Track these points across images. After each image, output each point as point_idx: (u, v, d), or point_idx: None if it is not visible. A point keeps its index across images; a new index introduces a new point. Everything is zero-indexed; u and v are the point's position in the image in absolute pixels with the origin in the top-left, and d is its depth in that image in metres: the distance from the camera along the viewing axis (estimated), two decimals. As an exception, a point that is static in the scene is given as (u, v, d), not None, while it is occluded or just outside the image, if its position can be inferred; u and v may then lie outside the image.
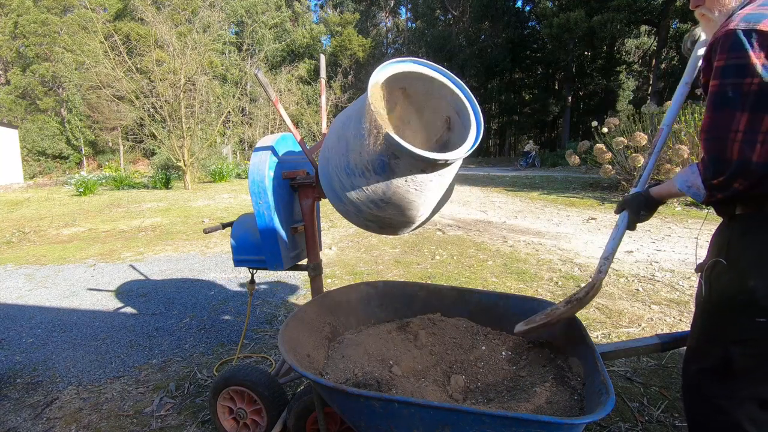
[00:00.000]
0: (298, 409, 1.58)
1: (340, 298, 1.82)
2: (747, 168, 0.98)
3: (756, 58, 0.95)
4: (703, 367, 1.18)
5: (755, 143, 0.96)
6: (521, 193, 10.83)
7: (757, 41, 0.95)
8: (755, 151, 0.97)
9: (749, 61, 0.95)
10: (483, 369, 1.53)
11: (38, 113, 30.38)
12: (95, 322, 3.32)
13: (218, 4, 17.83)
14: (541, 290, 3.66)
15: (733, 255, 1.09)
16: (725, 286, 1.11)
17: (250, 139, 27.75)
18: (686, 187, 1.13)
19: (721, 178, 1.02)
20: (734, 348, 1.09)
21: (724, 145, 0.99)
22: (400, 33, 43.27)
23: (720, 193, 1.06)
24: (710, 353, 1.16)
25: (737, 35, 0.97)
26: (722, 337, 1.12)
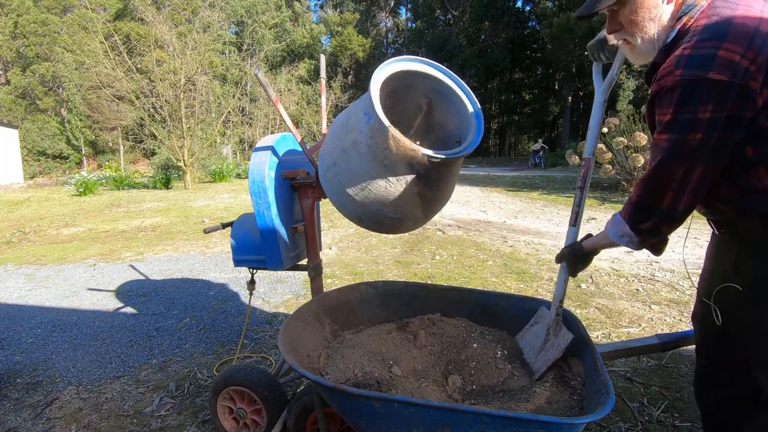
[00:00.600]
0: (298, 409, 1.58)
1: (340, 298, 1.82)
2: (673, 215, 1.00)
3: (702, 113, 0.88)
4: (725, 395, 1.11)
5: (685, 193, 0.97)
6: (521, 193, 10.84)
7: (706, 91, 0.87)
8: (682, 201, 0.98)
9: (696, 116, 0.89)
10: (481, 368, 1.52)
11: (38, 113, 30.39)
12: (95, 322, 3.32)
13: (218, 4, 17.84)
14: (541, 290, 3.66)
15: (747, 278, 1.01)
16: (744, 313, 1.03)
17: (250, 139, 27.76)
18: (618, 238, 1.13)
19: (648, 223, 1.04)
20: (759, 373, 1.02)
21: (659, 194, 0.99)
22: (400, 33, 43.28)
23: (650, 237, 1.07)
24: (734, 381, 1.09)
25: (684, 87, 0.89)
26: (744, 363, 1.05)
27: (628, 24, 1.07)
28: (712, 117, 0.88)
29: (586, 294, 3.54)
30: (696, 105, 0.88)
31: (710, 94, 0.87)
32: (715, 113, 0.87)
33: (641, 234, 1.07)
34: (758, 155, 0.93)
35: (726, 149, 0.92)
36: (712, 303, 1.10)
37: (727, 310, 1.08)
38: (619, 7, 1.07)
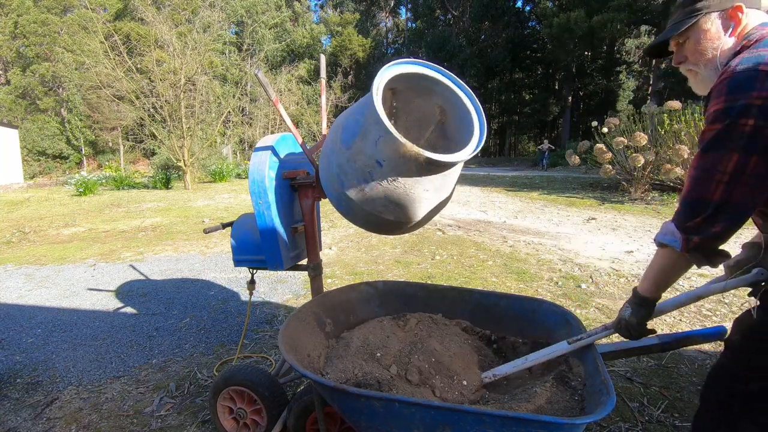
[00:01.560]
0: (298, 409, 1.58)
1: (340, 298, 1.82)
2: (725, 209, 0.97)
3: (755, 99, 0.91)
4: (731, 387, 1.12)
5: (737, 185, 0.95)
6: (521, 193, 10.84)
7: (758, 81, 0.92)
8: (737, 192, 0.95)
9: (747, 102, 0.92)
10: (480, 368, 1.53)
11: (38, 113, 30.39)
12: (95, 322, 3.32)
13: (218, 4, 17.83)
14: (541, 290, 3.66)
15: None
16: None
17: (250, 139, 27.76)
18: (661, 236, 1.08)
19: (698, 219, 1.00)
20: None
21: (707, 186, 0.97)
22: (400, 33, 43.28)
23: (696, 235, 1.01)
24: (746, 378, 1.10)
25: (736, 78, 0.95)
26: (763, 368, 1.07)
27: (692, 55, 1.13)
28: (762, 105, 0.91)
29: (586, 294, 3.54)
30: (748, 92, 0.92)
31: (763, 83, 0.91)
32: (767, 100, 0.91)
33: (687, 232, 1.01)
34: None
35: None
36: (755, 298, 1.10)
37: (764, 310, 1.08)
38: (684, 40, 1.14)
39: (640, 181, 8.77)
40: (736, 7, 1.05)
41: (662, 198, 8.59)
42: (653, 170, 8.48)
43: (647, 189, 8.87)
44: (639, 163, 8.14)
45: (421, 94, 1.69)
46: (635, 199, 8.71)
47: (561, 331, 1.56)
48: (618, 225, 6.47)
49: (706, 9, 1.08)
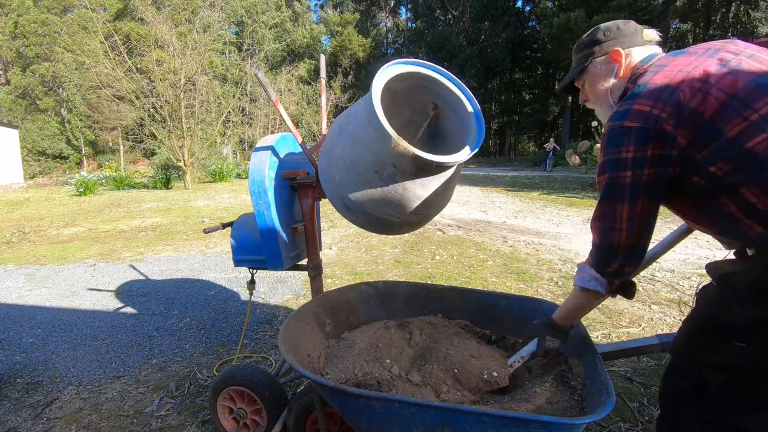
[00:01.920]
0: (298, 409, 1.58)
1: (340, 298, 1.82)
2: (633, 252, 1.09)
3: (625, 153, 1.03)
4: (679, 384, 1.16)
5: (633, 229, 1.07)
6: (521, 193, 10.84)
7: (626, 137, 1.03)
8: (634, 236, 1.07)
9: (620, 156, 1.04)
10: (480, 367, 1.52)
11: (38, 113, 30.39)
12: (95, 322, 3.32)
13: (218, 4, 17.83)
14: (541, 290, 3.66)
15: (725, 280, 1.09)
16: (711, 308, 1.10)
17: (250, 139, 27.76)
18: (586, 282, 1.18)
19: (615, 265, 1.12)
20: (710, 372, 1.07)
21: (612, 234, 1.09)
22: (400, 33, 43.28)
23: (616, 279, 1.14)
24: (685, 373, 1.14)
25: (610, 134, 1.07)
26: (700, 358, 1.11)
27: (590, 95, 1.30)
28: (635, 156, 1.03)
29: (586, 294, 3.54)
30: (619, 147, 1.05)
31: (629, 137, 1.03)
32: (637, 153, 1.03)
33: (608, 276, 1.14)
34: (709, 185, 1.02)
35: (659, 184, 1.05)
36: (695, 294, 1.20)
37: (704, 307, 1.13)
38: (583, 82, 1.31)
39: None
40: (614, 51, 1.20)
41: (662, 198, 8.59)
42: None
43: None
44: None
45: (421, 94, 1.69)
46: (635, 199, 8.70)
47: (561, 331, 1.56)
48: (618, 225, 6.46)
49: (591, 56, 1.24)
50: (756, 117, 0.94)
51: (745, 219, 0.99)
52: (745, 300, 1.02)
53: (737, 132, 0.95)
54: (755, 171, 0.95)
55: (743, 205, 0.98)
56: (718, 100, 0.97)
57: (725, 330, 1.05)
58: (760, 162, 0.94)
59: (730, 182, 0.98)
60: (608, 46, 1.21)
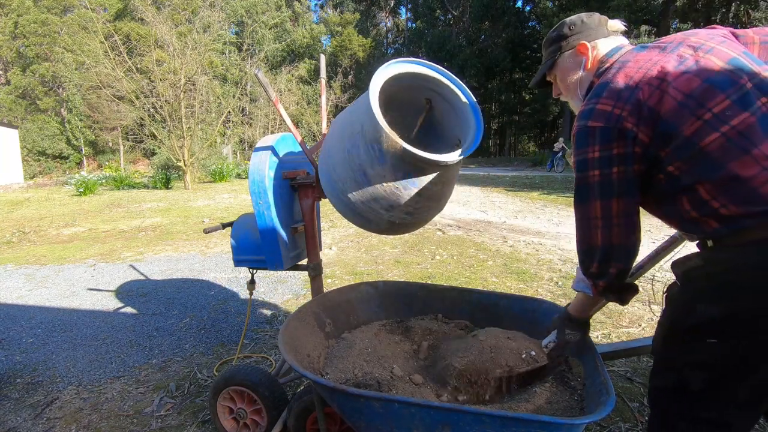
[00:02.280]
0: (298, 409, 1.58)
1: (340, 298, 1.82)
2: (611, 251, 1.08)
3: (592, 153, 1.05)
4: (661, 385, 1.17)
5: (611, 227, 1.06)
6: (521, 193, 10.84)
7: (591, 137, 1.05)
8: (613, 234, 1.06)
9: (587, 156, 1.05)
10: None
11: (38, 113, 30.39)
12: (95, 322, 3.32)
13: (218, 4, 17.83)
14: (541, 290, 3.66)
15: (688, 279, 1.11)
16: (679, 308, 1.12)
17: (250, 139, 27.76)
18: (580, 286, 1.22)
19: (595, 264, 1.11)
20: (688, 369, 1.09)
21: (589, 233, 1.09)
22: (400, 33, 43.27)
23: (600, 280, 1.13)
24: (666, 373, 1.15)
25: (578, 134, 1.08)
26: (677, 358, 1.12)
27: (562, 89, 1.31)
28: (601, 156, 1.04)
29: (586, 294, 3.54)
30: (586, 147, 1.06)
31: (594, 137, 1.04)
32: (603, 152, 1.04)
33: (592, 277, 1.15)
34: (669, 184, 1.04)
35: (630, 181, 1.05)
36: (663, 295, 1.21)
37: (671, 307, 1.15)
38: (554, 76, 1.32)
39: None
40: (581, 45, 1.21)
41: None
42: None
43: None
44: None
45: (420, 95, 1.69)
46: (635, 199, 8.70)
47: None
48: (618, 225, 6.46)
49: (559, 50, 1.26)
50: (709, 116, 0.96)
51: (700, 217, 1.01)
52: (709, 296, 1.04)
53: (692, 131, 0.97)
54: (708, 170, 0.97)
55: (698, 203, 1.00)
56: (675, 99, 0.98)
57: (695, 328, 1.06)
58: (712, 161, 0.96)
59: (686, 182, 1.00)
60: (574, 39, 1.23)
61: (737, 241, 1.01)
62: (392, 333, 1.72)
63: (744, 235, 0.99)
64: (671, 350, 1.15)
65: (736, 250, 1.01)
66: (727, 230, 1.01)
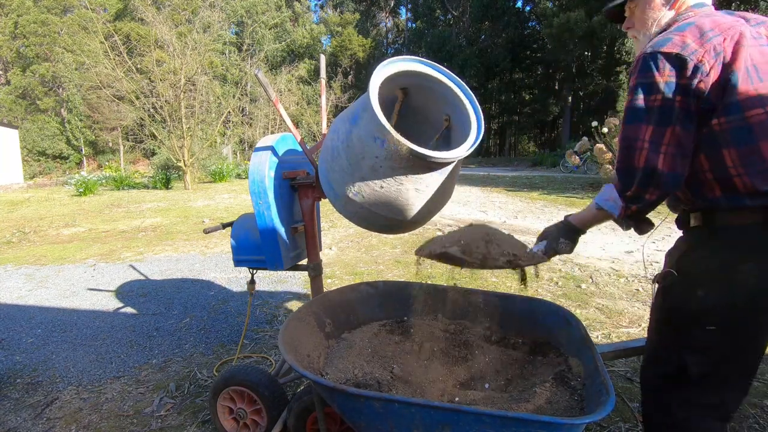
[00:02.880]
0: (298, 409, 1.58)
1: (340, 298, 1.81)
2: (653, 176, 1.05)
3: (659, 77, 1.04)
4: (659, 372, 1.21)
5: (659, 153, 1.04)
6: (521, 193, 10.84)
7: (661, 62, 1.04)
8: (659, 160, 1.04)
9: (653, 80, 1.05)
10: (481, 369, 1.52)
11: (38, 113, 30.38)
12: (95, 322, 3.32)
13: (218, 4, 17.83)
14: (541, 290, 3.66)
15: (684, 267, 1.14)
16: (677, 297, 1.15)
17: (250, 139, 27.74)
18: (603, 201, 1.19)
19: (633, 187, 1.09)
20: (688, 356, 1.12)
21: (632, 154, 1.07)
22: (400, 33, 43.27)
23: (633, 204, 1.11)
24: (665, 361, 1.19)
25: (645, 59, 1.07)
26: (677, 344, 1.15)
27: (638, 22, 1.27)
28: (668, 81, 1.03)
29: (586, 294, 3.54)
30: (653, 71, 1.05)
31: (665, 63, 1.04)
32: (671, 78, 1.03)
33: (626, 200, 1.12)
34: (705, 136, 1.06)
35: (690, 114, 1.04)
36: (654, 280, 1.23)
37: (667, 297, 1.18)
38: (634, 6, 1.26)
39: (640, 181, 8.76)
40: None
41: (662, 198, 8.58)
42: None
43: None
44: (639, 163, 8.13)
45: (422, 94, 1.69)
46: (635, 199, 8.70)
47: (561, 331, 1.56)
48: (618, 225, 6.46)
49: None
50: (765, 92, 1.00)
51: (712, 179, 1.06)
52: (707, 284, 1.08)
53: (745, 98, 1.01)
54: (741, 139, 1.01)
55: (718, 165, 1.04)
56: (745, 63, 1.01)
57: (695, 316, 1.10)
58: (748, 132, 1.01)
59: (720, 140, 1.04)
60: None
61: (728, 220, 1.06)
62: (392, 333, 1.72)
63: (739, 215, 1.05)
64: (669, 338, 1.18)
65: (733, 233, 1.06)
66: (726, 203, 1.05)
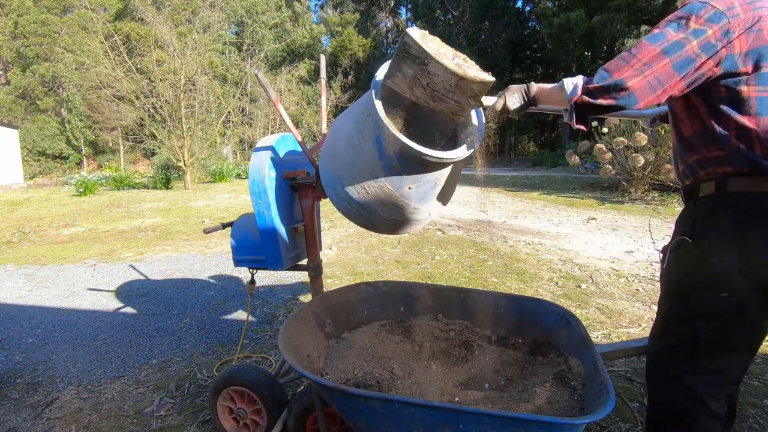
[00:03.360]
0: (298, 409, 1.58)
1: (340, 298, 1.81)
2: (618, 87, 1.05)
3: (694, 21, 1.05)
4: (668, 344, 1.22)
5: (641, 74, 1.05)
6: (521, 193, 10.84)
7: (705, 10, 1.05)
8: (636, 79, 1.05)
9: (688, 21, 1.05)
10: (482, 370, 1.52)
11: (38, 113, 30.38)
12: (95, 322, 3.32)
13: (218, 4, 17.82)
14: (541, 290, 3.66)
15: (697, 234, 1.14)
16: (690, 265, 1.16)
17: (250, 139, 27.75)
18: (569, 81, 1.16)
19: (597, 85, 1.08)
20: (700, 323, 1.13)
21: (622, 66, 1.07)
22: (400, 33, 43.24)
23: (587, 97, 1.10)
24: (677, 331, 1.19)
25: (693, 4, 1.08)
26: (688, 314, 1.16)
27: None
28: (696, 28, 1.04)
29: (586, 294, 3.54)
30: (693, 13, 1.06)
31: (705, 13, 1.04)
32: (700, 26, 1.04)
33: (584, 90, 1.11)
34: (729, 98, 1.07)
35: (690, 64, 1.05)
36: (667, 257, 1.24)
37: (681, 265, 1.19)
38: None
39: (640, 181, 8.76)
40: None
41: (662, 198, 8.58)
42: (653, 170, 8.47)
43: (647, 189, 8.86)
44: (639, 163, 8.13)
45: None
46: (635, 199, 8.71)
47: (561, 331, 1.56)
48: (618, 225, 6.47)
49: None
50: None
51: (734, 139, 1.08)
52: (721, 249, 1.09)
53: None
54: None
55: (742, 128, 1.06)
56: None
57: (708, 283, 1.11)
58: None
59: (747, 107, 1.05)
60: None
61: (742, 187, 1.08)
62: (392, 333, 1.72)
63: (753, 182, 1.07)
64: (682, 306, 1.18)
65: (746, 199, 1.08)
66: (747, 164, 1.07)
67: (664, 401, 1.25)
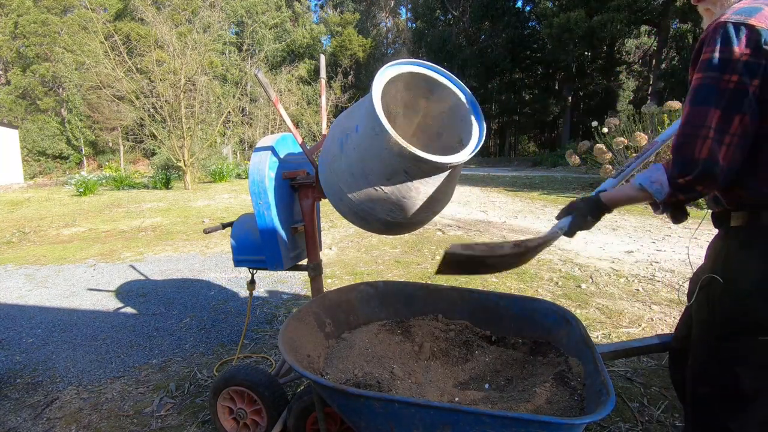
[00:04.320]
0: (298, 409, 1.58)
1: (340, 298, 1.81)
2: (712, 170, 0.94)
3: (738, 54, 0.91)
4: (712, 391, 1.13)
5: (722, 144, 0.93)
6: (521, 193, 10.84)
7: (746, 36, 0.91)
8: (722, 153, 0.93)
9: (731, 56, 0.91)
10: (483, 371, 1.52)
11: (38, 113, 30.37)
12: (95, 322, 3.32)
13: (218, 4, 17.81)
14: (541, 290, 3.66)
15: (731, 272, 1.06)
16: (726, 307, 1.07)
17: (250, 139, 27.74)
18: (649, 183, 1.07)
19: (688, 177, 0.98)
20: (741, 369, 1.05)
21: (695, 143, 0.95)
22: (400, 33, 43.26)
23: (682, 194, 1.02)
24: (719, 376, 1.11)
25: (726, 28, 0.93)
26: (728, 359, 1.08)
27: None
28: (749, 61, 0.90)
29: (586, 294, 3.54)
30: (733, 45, 0.91)
31: (750, 38, 0.90)
32: (752, 58, 0.89)
33: (676, 188, 1.01)
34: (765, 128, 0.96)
35: (757, 103, 0.92)
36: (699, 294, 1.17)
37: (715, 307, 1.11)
38: None
39: (640, 182, 8.75)
40: None
41: (662, 198, 8.58)
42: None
43: (647, 189, 8.85)
44: (639, 163, 8.12)
45: (425, 97, 1.69)
46: (635, 199, 8.69)
47: (561, 330, 1.56)
48: (618, 225, 6.47)
49: None
50: None
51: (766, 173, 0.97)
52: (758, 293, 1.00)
53: None
54: None
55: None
56: None
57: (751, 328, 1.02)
58: None
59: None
60: None
61: None
62: (392, 333, 1.72)
63: None
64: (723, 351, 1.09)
65: None
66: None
67: None
